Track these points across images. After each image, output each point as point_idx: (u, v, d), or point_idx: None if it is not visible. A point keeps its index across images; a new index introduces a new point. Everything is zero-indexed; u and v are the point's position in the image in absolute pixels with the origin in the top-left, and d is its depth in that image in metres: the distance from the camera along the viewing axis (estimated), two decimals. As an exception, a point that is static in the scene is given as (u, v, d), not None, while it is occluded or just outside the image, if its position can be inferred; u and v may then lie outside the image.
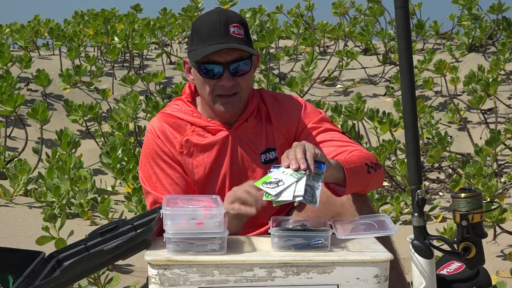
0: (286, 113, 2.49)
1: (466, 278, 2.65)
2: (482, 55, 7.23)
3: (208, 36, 2.33)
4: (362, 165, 2.27)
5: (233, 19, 2.35)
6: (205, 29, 2.34)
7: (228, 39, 2.32)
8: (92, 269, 2.11)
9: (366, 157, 2.34)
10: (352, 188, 2.22)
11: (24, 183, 4.49)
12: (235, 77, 2.35)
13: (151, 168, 2.42)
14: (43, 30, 7.93)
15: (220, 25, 2.33)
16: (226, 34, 2.32)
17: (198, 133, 2.43)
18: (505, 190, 4.68)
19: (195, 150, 2.42)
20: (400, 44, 2.12)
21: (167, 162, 2.41)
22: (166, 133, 2.42)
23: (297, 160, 2.06)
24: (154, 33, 7.52)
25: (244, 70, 2.36)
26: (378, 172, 2.33)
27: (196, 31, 2.37)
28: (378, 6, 7.77)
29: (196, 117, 2.45)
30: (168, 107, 2.50)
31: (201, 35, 2.35)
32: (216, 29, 2.32)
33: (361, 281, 1.94)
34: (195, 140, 2.42)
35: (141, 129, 5.77)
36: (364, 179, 2.27)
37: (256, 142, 2.45)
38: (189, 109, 2.46)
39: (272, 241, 2.01)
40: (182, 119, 2.45)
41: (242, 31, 2.36)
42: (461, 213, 2.06)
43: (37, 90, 6.38)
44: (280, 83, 6.76)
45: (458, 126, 6.00)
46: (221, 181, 2.43)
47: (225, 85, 2.34)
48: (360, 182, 2.25)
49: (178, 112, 2.46)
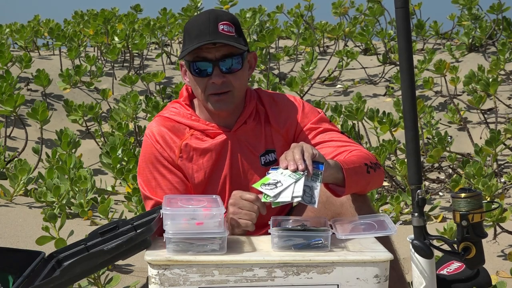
0: (284, 114, 2.48)
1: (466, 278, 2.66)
2: (482, 55, 7.23)
3: (197, 35, 2.32)
4: (362, 165, 2.27)
5: (223, 17, 2.35)
6: (195, 28, 2.34)
7: (216, 36, 2.31)
8: (92, 269, 2.11)
9: (366, 157, 2.33)
10: (351, 188, 2.22)
11: (24, 183, 4.49)
12: (225, 74, 2.34)
13: (150, 173, 2.41)
14: (43, 30, 7.92)
15: (209, 23, 2.32)
16: (214, 31, 2.31)
17: (197, 137, 2.42)
18: (505, 190, 4.68)
19: (195, 154, 2.41)
20: (400, 44, 2.12)
21: (166, 167, 2.40)
22: (165, 138, 2.41)
23: (295, 161, 2.07)
24: (154, 33, 7.52)
25: (235, 67, 2.35)
26: (378, 172, 2.33)
27: (187, 31, 2.38)
28: (378, 6, 7.77)
29: (194, 120, 2.44)
30: (165, 110, 2.49)
31: (190, 35, 2.35)
32: (204, 27, 2.32)
33: (361, 281, 1.94)
34: (194, 144, 2.41)
35: (141, 129, 5.77)
36: (363, 179, 2.26)
37: (255, 144, 2.45)
38: (187, 112, 2.45)
39: (272, 241, 2.01)
40: (181, 123, 2.43)
41: (233, 29, 2.35)
42: (461, 213, 2.06)
43: (37, 90, 6.38)
44: (280, 83, 6.76)
45: (458, 126, 6.00)
46: (221, 185, 2.43)
47: (215, 82, 2.33)
48: (360, 182, 2.25)
49: (176, 116, 2.45)
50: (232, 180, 2.42)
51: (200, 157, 2.41)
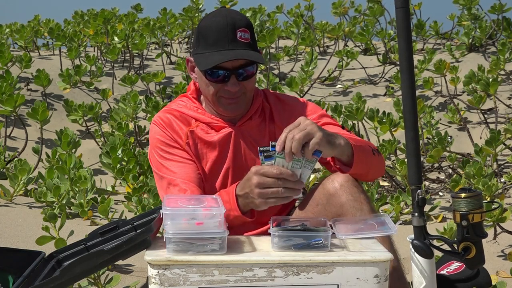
0: (288, 112, 2.51)
1: (466, 278, 2.65)
2: (482, 55, 7.23)
3: (215, 42, 2.33)
4: (367, 147, 2.33)
5: (240, 23, 2.35)
6: (212, 33, 2.34)
7: (235, 45, 2.32)
8: (92, 269, 2.11)
9: (369, 143, 2.40)
10: (358, 166, 2.25)
11: (24, 183, 4.49)
12: (241, 81, 2.36)
13: (160, 156, 2.43)
14: (43, 30, 7.93)
15: (227, 30, 2.32)
16: (233, 39, 2.32)
17: (202, 128, 2.45)
18: (505, 190, 4.68)
19: (200, 143, 2.44)
20: (400, 44, 2.12)
21: (175, 147, 2.43)
22: (172, 124, 2.45)
23: (293, 148, 2.08)
24: (154, 33, 7.52)
25: (250, 72, 2.38)
26: (380, 157, 2.39)
27: (202, 34, 2.37)
28: (378, 6, 7.77)
29: (200, 113, 2.47)
30: (173, 103, 2.54)
31: (207, 40, 2.35)
32: (223, 35, 2.32)
33: (361, 281, 1.94)
34: (200, 134, 2.45)
35: (141, 129, 5.77)
36: (369, 158, 2.31)
37: (259, 140, 2.48)
38: (194, 105, 2.49)
39: (272, 241, 2.01)
40: (187, 115, 2.47)
41: (248, 35, 2.36)
42: (461, 213, 2.06)
43: (37, 90, 6.38)
44: (280, 83, 6.76)
45: (458, 126, 5.99)
46: (224, 177, 2.45)
47: (231, 90, 2.36)
48: (366, 161, 2.29)
49: (183, 108, 2.49)
50: (234, 173, 2.44)
51: (204, 147, 2.44)
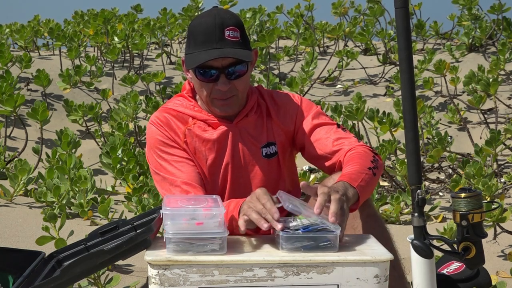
0: (283, 109, 2.52)
1: (466, 278, 2.66)
2: (482, 55, 7.23)
3: (203, 41, 2.33)
4: (367, 171, 2.25)
5: (228, 22, 2.35)
6: (200, 33, 2.34)
7: (223, 44, 2.32)
8: (92, 269, 2.11)
9: (365, 155, 2.32)
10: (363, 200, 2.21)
11: (24, 183, 4.49)
12: (231, 80, 2.36)
13: (159, 157, 2.42)
14: (43, 30, 7.93)
15: (215, 29, 2.32)
16: (221, 38, 2.32)
17: (199, 126, 2.45)
18: (505, 190, 4.68)
19: (197, 141, 2.44)
20: (400, 44, 2.12)
21: (174, 146, 2.42)
22: (170, 123, 2.45)
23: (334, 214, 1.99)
24: (154, 33, 7.52)
25: (240, 71, 2.37)
26: (379, 165, 2.33)
27: (192, 34, 2.38)
28: (378, 6, 7.77)
29: (197, 111, 2.47)
30: (169, 102, 2.53)
31: (196, 39, 2.35)
32: (211, 34, 2.32)
33: (361, 281, 1.94)
34: (197, 132, 2.44)
35: (141, 129, 5.77)
36: (372, 184, 2.26)
37: (256, 136, 2.48)
38: (190, 103, 2.49)
39: (280, 243, 1.99)
40: (184, 113, 2.47)
41: (238, 33, 2.35)
42: (461, 213, 2.06)
43: (37, 90, 6.38)
44: (280, 83, 6.76)
45: (458, 126, 6.00)
46: (223, 174, 2.45)
47: (221, 89, 2.36)
48: (370, 189, 2.25)
49: (179, 107, 2.49)
50: (233, 170, 2.45)
51: (202, 144, 2.44)
